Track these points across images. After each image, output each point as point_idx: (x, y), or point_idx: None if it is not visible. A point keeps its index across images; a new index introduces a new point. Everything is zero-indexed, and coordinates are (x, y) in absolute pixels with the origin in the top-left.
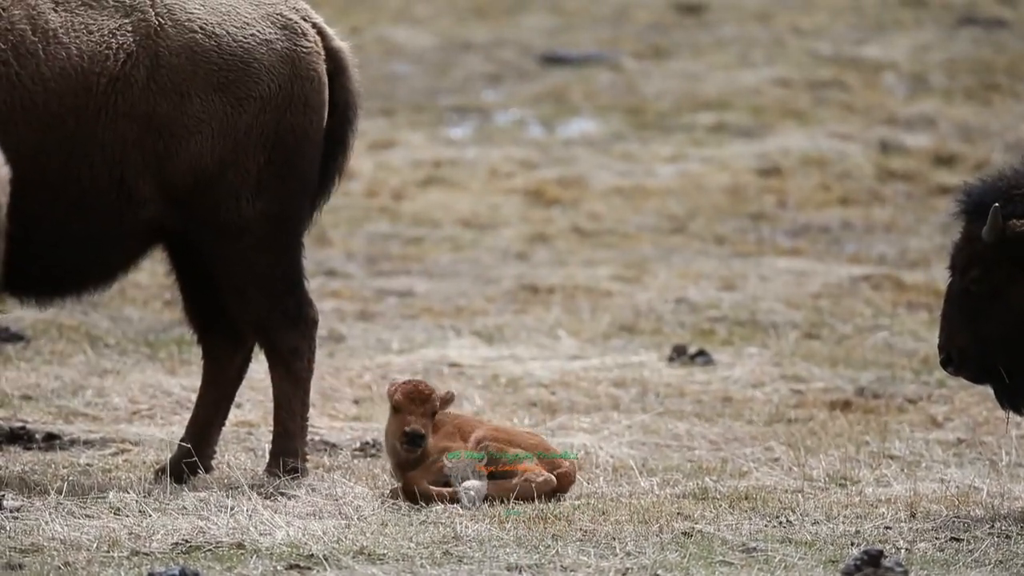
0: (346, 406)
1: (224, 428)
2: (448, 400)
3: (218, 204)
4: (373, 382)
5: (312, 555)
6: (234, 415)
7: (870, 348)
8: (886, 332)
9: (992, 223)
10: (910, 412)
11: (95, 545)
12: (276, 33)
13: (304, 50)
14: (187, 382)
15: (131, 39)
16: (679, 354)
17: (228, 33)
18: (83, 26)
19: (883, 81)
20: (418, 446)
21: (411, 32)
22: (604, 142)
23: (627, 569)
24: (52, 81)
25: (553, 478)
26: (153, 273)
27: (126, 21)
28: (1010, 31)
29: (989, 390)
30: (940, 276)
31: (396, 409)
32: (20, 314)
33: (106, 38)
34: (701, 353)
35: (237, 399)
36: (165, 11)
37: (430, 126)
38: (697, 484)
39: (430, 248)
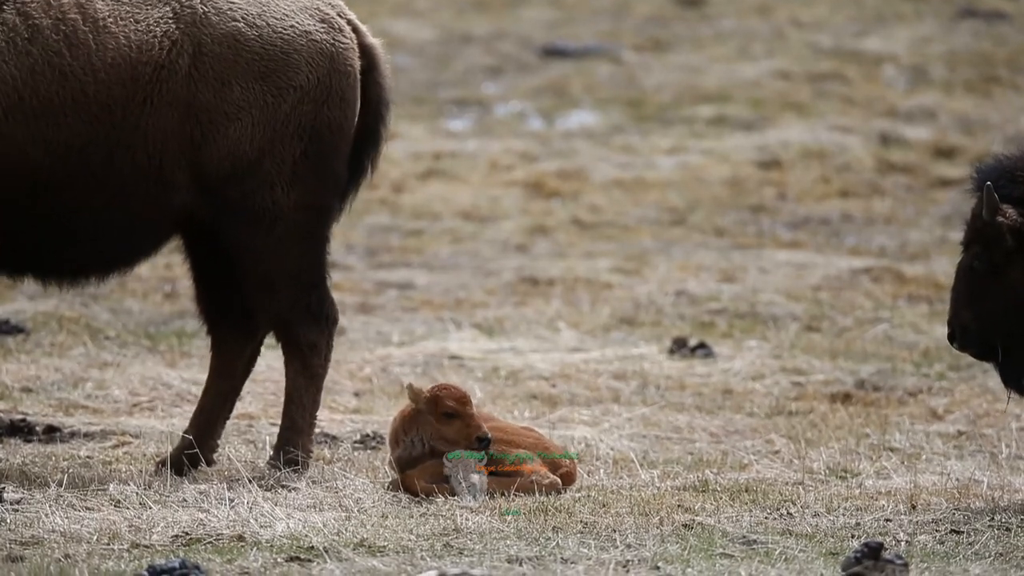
0: (346, 399)
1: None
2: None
3: (254, 192)
4: (373, 375)
5: (312, 547)
6: (234, 407)
7: (870, 341)
8: (886, 325)
9: (987, 202)
10: (910, 405)
11: (95, 537)
12: (315, 26)
13: (342, 45)
14: (187, 374)
15: (175, 27)
16: (679, 346)
17: (268, 24)
18: (130, 15)
19: (883, 74)
20: (488, 447)
21: (411, 25)
22: (604, 134)
23: (628, 561)
24: (102, 72)
25: (559, 481)
26: (154, 266)
27: (169, 9)
28: (1010, 23)
29: (989, 382)
30: (940, 269)
31: (451, 415)
32: (21, 306)
33: (151, 27)
34: (701, 346)
35: None
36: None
37: (430, 119)
38: (697, 476)
39: (430, 240)
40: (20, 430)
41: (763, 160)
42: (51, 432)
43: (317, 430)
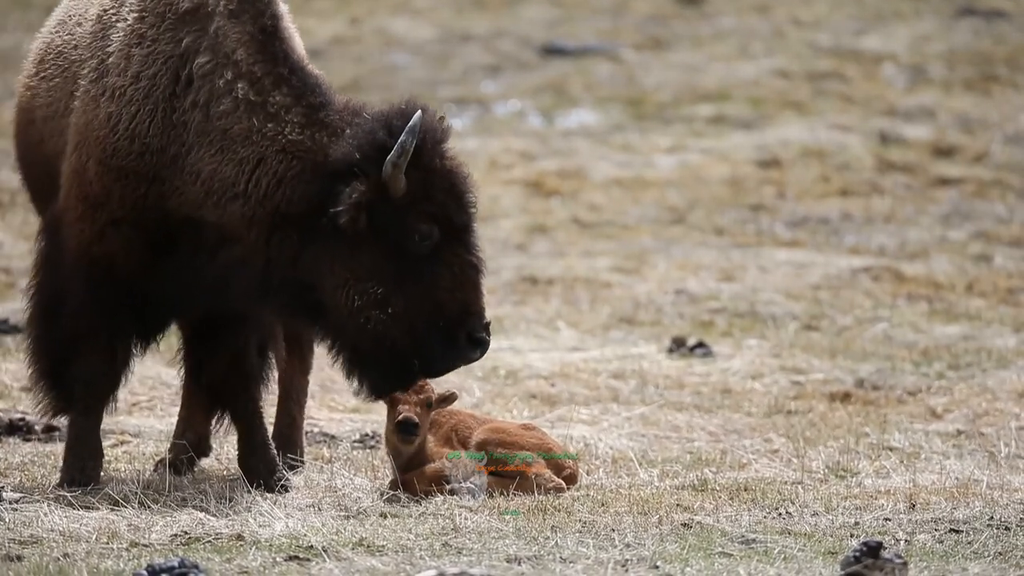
0: (345, 398)
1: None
2: (450, 399)
3: None
4: None
5: (311, 546)
6: None
7: (869, 340)
8: (885, 324)
9: None
10: (909, 404)
11: (94, 537)
12: None
13: None
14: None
15: None
16: (678, 346)
17: None
18: None
19: (882, 72)
20: (412, 434)
21: (411, 23)
22: (604, 133)
23: (626, 560)
24: None
25: (563, 484)
26: None
27: None
28: (1010, 22)
29: (988, 381)
30: (940, 268)
31: (392, 402)
32: (20, 306)
33: None
34: (700, 345)
35: None
36: None
37: None
38: (696, 476)
39: None
40: (19, 429)
41: (762, 159)
42: (50, 431)
43: (316, 429)
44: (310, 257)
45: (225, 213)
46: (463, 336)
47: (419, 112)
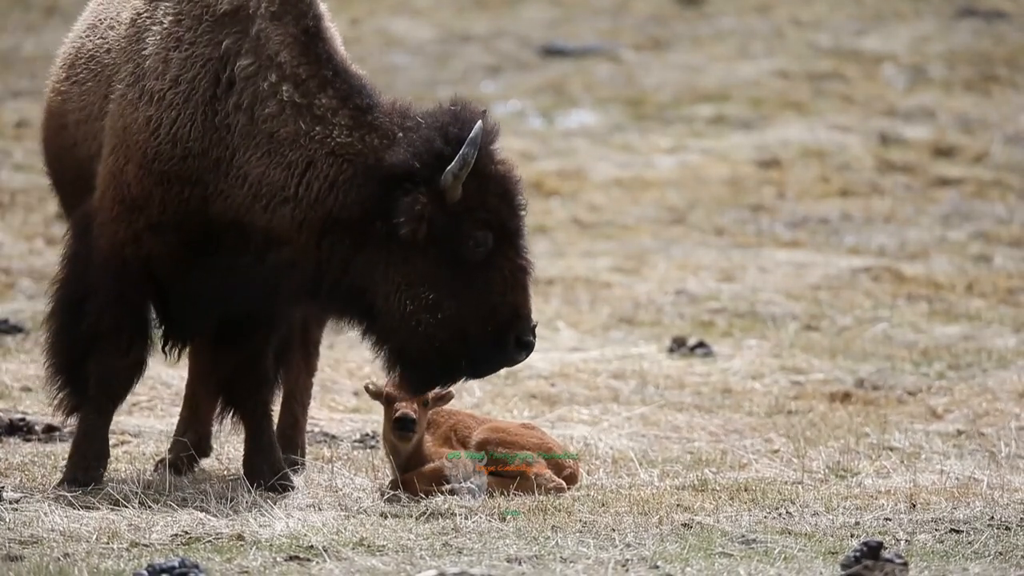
0: (346, 398)
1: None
2: (445, 398)
3: None
4: (372, 374)
5: (312, 546)
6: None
7: (869, 340)
8: (885, 324)
9: None
10: (909, 404)
11: (95, 537)
12: None
13: None
14: (186, 374)
15: None
16: (679, 346)
17: None
18: None
19: (882, 73)
20: (409, 431)
21: (410, 24)
22: (604, 134)
23: (627, 560)
24: None
25: (564, 484)
26: None
27: None
28: (1010, 22)
29: (988, 381)
30: (939, 268)
31: (388, 401)
32: (19, 306)
33: None
34: (701, 345)
35: None
36: None
37: None
38: (697, 476)
39: None
40: (20, 429)
41: (762, 159)
42: (50, 431)
43: (316, 429)
44: (363, 261)
45: (275, 217)
46: (512, 339)
47: (479, 123)
